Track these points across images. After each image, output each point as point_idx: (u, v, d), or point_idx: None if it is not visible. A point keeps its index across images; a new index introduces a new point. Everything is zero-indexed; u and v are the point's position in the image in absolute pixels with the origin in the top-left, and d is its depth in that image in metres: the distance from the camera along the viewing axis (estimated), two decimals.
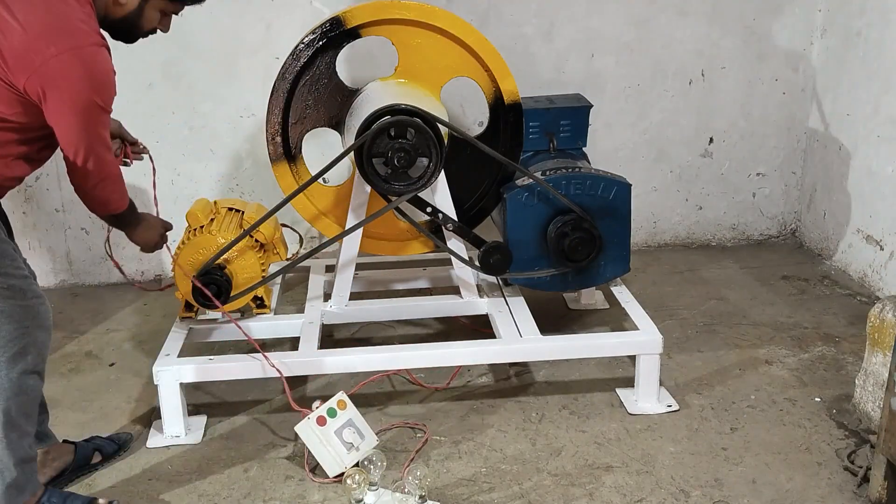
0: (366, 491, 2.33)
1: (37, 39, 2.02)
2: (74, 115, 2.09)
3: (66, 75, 2.04)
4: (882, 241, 3.60)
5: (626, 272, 3.14)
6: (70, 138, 2.12)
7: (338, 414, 2.56)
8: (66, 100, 2.06)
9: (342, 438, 2.53)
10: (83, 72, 2.05)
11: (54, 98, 2.05)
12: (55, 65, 2.02)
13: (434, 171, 2.82)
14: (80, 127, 2.11)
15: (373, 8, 2.87)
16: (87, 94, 2.07)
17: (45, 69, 2.02)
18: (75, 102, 2.07)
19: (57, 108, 2.07)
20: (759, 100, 4.07)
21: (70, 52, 2.03)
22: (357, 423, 2.59)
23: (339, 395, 2.61)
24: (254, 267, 2.91)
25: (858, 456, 2.55)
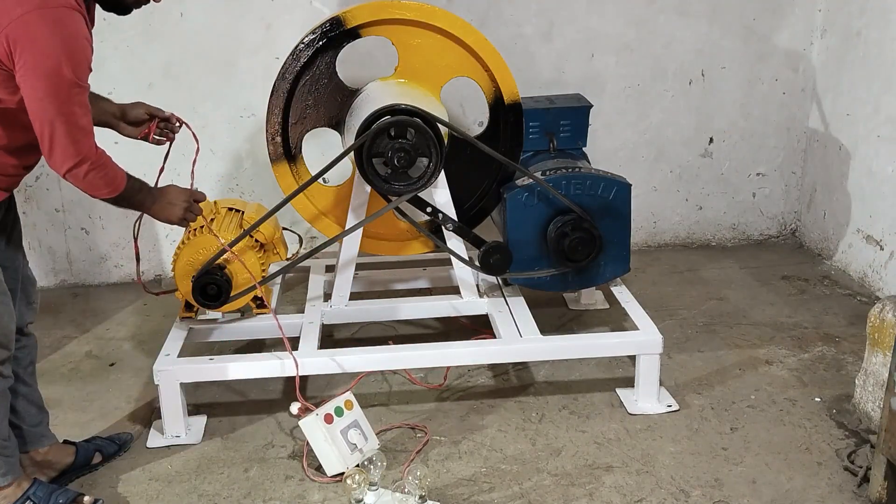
0: (366, 491, 2.33)
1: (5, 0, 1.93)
2: (39, 80, 1.96)
3: (31, 35, 1.93)
4: (882, 241, 3.60)
5: (626, 272, 3.14)
6: (36, 107, 1.99)
7: (344, 413, 2.56)
8: (30, 61, 1.94)
9: (347, 439, 2.54)
10: (49, 33, 1.94)
11: (20, 62, 1.94)
12: (19, 25, 1.92)
13: (434, 171, 2.82)
14: (46, 94, 1.97)
15: (373, 8, 2.87)
16: (54, 59, 1.95)
17: (11, 29, 1.92)
18: (39, 64, 1.94)
19: (22, 73, 1.96)
20: (759, 100, 4.07)
21: (37, 10, 1.93)
22: (362, 424, 2.60)
23: (347, 394, 2.62)
24: (254, 267, 2.90)
25: (858, 456, 2.55)
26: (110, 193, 2.20)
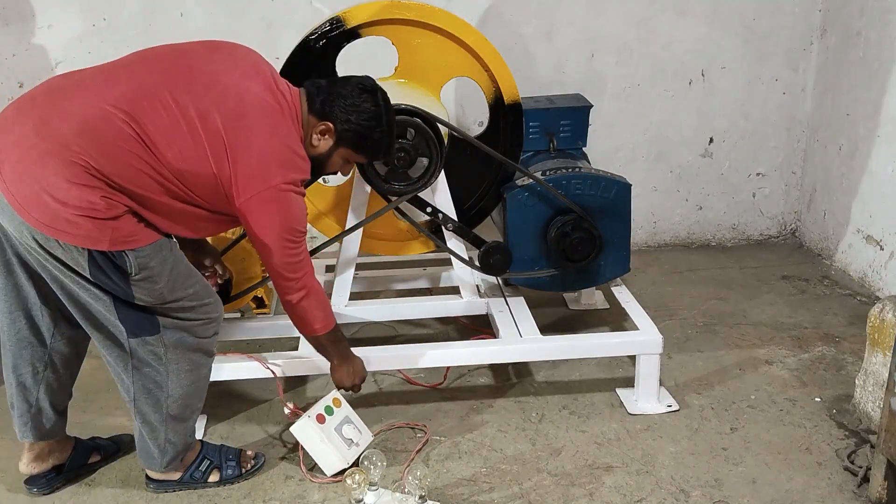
0: (366, 491, 2.33)
1: (268, 166, 2.21)
2: (272, 238, 2.26)
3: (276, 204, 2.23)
4: (882, 241, 3.60)
5: (626, 272, 3.14)
6: (265, 255, 2.30)
7: (335, 412, 2.56)
8: (269, 225, 2.24)
9: (342, 435, 2.53)
10: (289, 205, 2.25)
11: (261, 220, 2.24)
12: (273, 193, 2.21)
13: (434, 171, 2.82)
14: (276, 248, 2.27)
15: (373, 8, 2.87)
16: (285, 227, 2.26)
17: (265, 195, 2.21)
18: (274, 229, 2.25)
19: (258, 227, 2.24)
20: (759, 100, 4.07)
21: (287, 185, 2.23)
22: (353, 419, 2.60)
23: (333, 392, 2.61)
24: (254, 267, 2.91)
25: (858, 456, 2.55)
26: (319, 331, 2.45)
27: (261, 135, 2.22)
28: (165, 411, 2.35)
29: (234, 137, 2.18)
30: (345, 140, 2.37)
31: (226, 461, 2.54)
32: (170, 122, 2.14)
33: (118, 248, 2.11)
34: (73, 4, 3.64)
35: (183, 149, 2.15)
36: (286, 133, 2.27)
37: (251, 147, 2.20)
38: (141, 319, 2.24)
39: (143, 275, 2.16)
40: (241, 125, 2.19)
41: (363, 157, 2.48)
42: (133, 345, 2.26)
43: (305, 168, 2.30)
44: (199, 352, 2.36)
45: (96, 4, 3.65)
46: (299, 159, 2.28)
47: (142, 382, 2.31)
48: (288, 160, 2.25)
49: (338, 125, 2.35)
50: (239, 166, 2.19)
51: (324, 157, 2.39)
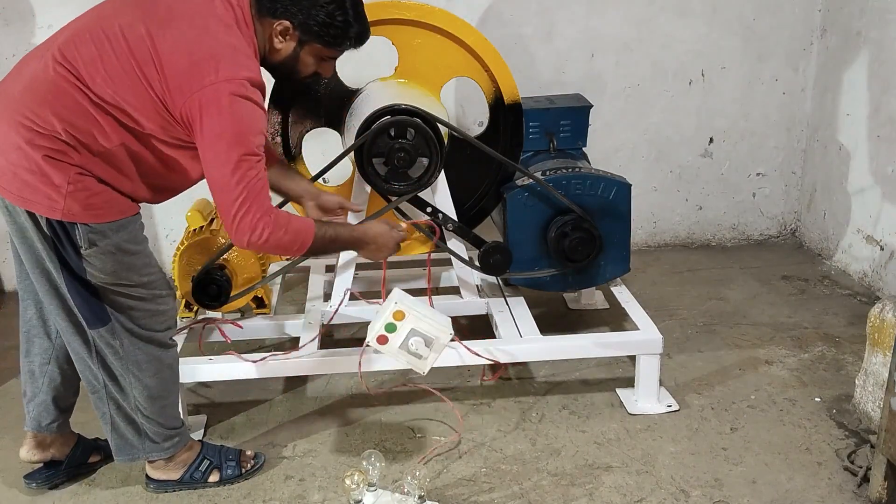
0: (364, 491, 2.33)
1: (198, 64, 2.05)
2: (220, 146, 2.07)
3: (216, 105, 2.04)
4: (882, 241, 3.60)
5: (626, 272, 3.14)
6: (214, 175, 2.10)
7: (397, 327, 2.36)
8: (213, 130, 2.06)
9: (408, 351, 2.37)
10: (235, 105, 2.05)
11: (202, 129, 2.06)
12: (210, 92, 2.03)
13: (434, 171, 2.82)
14: (224, 159, 2.07)
15: (373, 8, 2.87)
16: (233, 130, 2.06)
17: (201, 95, 2.04)
18: (220, 134, 2.06)
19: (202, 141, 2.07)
20: (759, 100, 4.07)
21: (226, 82, 2.04)
22: (421, 327, 2.36)
23: (397, 303, 2.37)
24: (254, 267, 2.91)
25: (858, 456, 2.55)
26: (298, 252, 2.26)
27: (190, 35, 2.08)
28: (134, 398, 2.34)
29: (161, 42, 2.06)
30: (308, 34, 2.21)
31: (226, 461, 2.54)
32: (96, 48, 2.08)
33: (70, 219, 2.10)
34: (72, 4, 3.61)
35: (109, 70, 2.06)
36: (224, 32, 2.11)
37: (179, 49, 2.06)
38: (94, 308, 2.23)
39: (94, 251, 2.14)
40: (169, 29, 2.08)
41: (336, 49, 2.28)
42: (93, 336, 2.26)
43: (251, 67, 2.11)
44: (152, 344, 2.33)
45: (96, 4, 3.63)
46: (242, 56, 2.10)
47: (108, 371, 2.31)
48: (224, 56, 2.07)
49: (295, 21, 2.18)
50: (167, 70, 2.05)
51: (293, 60, 2.24)
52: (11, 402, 3.03)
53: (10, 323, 3.63)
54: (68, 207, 2.09)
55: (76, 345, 2.31)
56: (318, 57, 2.27)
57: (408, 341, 2.36)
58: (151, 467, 2.49)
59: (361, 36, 2.30)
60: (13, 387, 3.13)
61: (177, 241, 2.88)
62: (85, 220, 2.11)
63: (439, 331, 2.38)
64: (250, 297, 2.94)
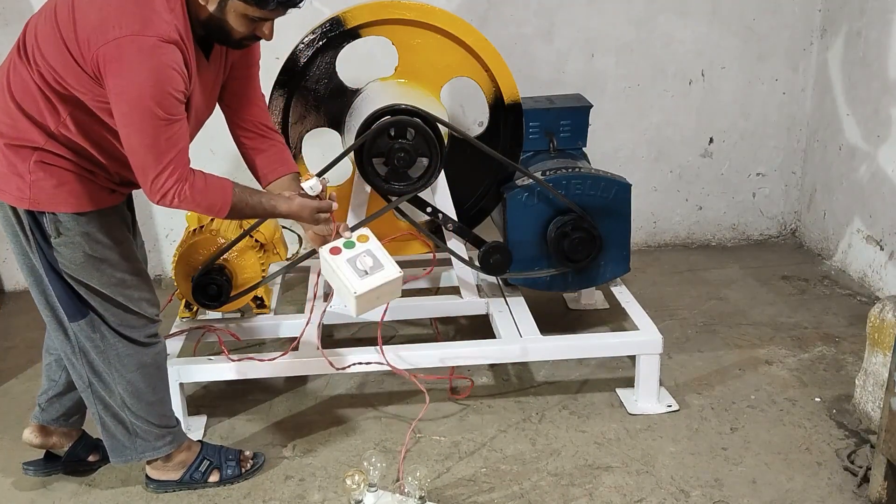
0: (365, 492, 2.33)
1: (107, 19, 1.96)
2: (125, 107, 1.97)
3: (121, 60, 1.94)
4: (882, 241, 3.60)
5: (626, 272, 3.14)
6: (123, 133, 2.01)
7: (356, 245, 2.35)
8: (118, 87, 1.96)
9: (354, 266, 2.31)
10: (138, 60, 1.94)
11: (109, 84, 1.97)
12: (112, 47, 1.94)
13: (434, 172, 2.82)
14: (131, 121, 1.98)
15: (373, 8, 2.87)
16: (139, 87, 1.95)
17: (104, 50, 1.94)
18: (125, 91, 1.96)
19: (111, 97, 1.98)
20: (759, 100, 4.07)
21: (130, 37, 1.93)
22: (378, 253, 2.34)
23: (364, 230, 2.40)
24: (254, 267, 2.91)
25: (858, 456, 2.55)
26: (218, 215, 2.18)
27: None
28: (119, 395, 2.34)
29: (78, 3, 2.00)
30: None
31: (225, 461, 2.54)
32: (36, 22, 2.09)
33: (37, 208, 2.11)
34: None
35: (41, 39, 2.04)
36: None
37: (93, 5, 1.99)
38: (73, 301, 2.23)
39: (61, 241, 2.15)
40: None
41: (258, 7, 2.06)
42: (74, 329, 2.26)
43: (164, 22, 1.98)
44: (130, 341, 2.32)
45: None
46: (151, 12, 1.97)
47: (91, 367, 2.32)
48: (133, 11, 1.96)
49: None
50: (78, 26, 1.98)
51: (219, 19, 2.07)
52: (11, 402, 3.03)
53: (10, 323, 3.64)
54: (34, 196, 2.10)
55: (59, 341, 2.31)
56: (246, 17, 2.08)
57: (357, 258, 2.31)
58: (151, 468, 2.49)
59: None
60: (13, 387, 3.14)
61: (177, 241, 2.88)
62: (51, 208, 2.12)
63: (392, 265, 2.33)
64: (250, 297, 2.94)
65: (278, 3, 2.09)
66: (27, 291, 2.50)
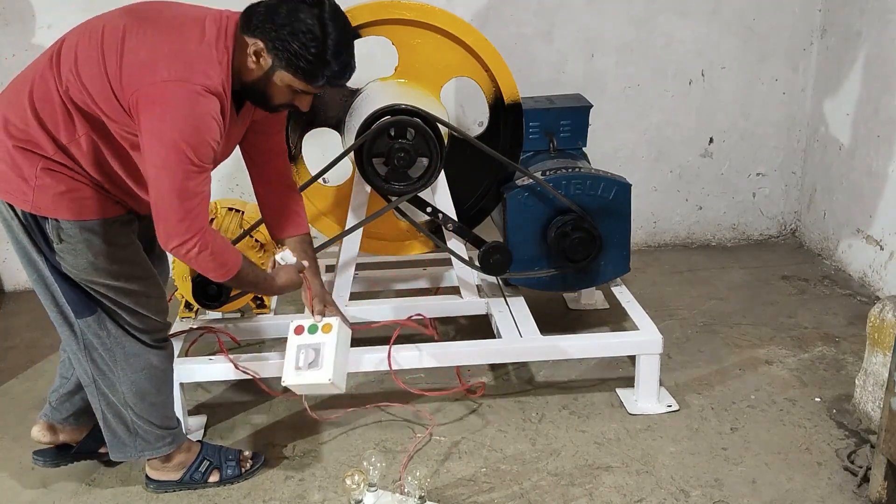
0: (364, 491, 2.33)
1: (158, 60, 2.00)
2: (159, 148, 2.00)
3: (163, 102, 1.98)
4: (882, 241, 3.60)
5: (626, 272, 3.14)
6: (151, 174, 2.04)
7: (317, 332, 2.39)
8: (154, 127, 1.99)
9: (298, 355, 2.37)
10: (180, 106, 1.99)
11: (145, 124, 2.00)
12: (156, 89, 1.98)
13: (434, 171, 2.82)
14: (164, 164, 2.00)
15: (373, 8, 2.87)
16: (177, 132, 1.98)
17: (147, 90, 1.99)
18: (162, 133, 1.99)
19: (145, 137, 2.01)
20: (759, 100, 4.07)
21: (176, 82, 1.98)
22: (325, 351, 2.36)
23: (335, 319, 2.42)
24: None
25: (858, 456, 2.55)
26: (218, 278, 2.19)
27: (161, 33, 2.04)
28: (122, 394, 2.34)
29: (131, 36, 2.03)
30: (280, 60, 2.06)
31: (225, 461, 2.55)
32: (76, 41, 2.09)
33: (40, 213, 2.11)
34: (72, 4, 3.63)
35: (80, 59, 2.05)
36: (195, 40, 2.04)
37: (145, 43, 2.02)
38: (80, 297, 2.23)
39: (64, 247, 2.15)
40: (144, 26, 2.05)
41: (306, 83, 2.10)
42: (81, 326, 2.26)
43: (211, 76, 2.02)
44: (140, 342, 2.32)
45: (96, 4, 3.60)
46: (203, 63, 2.02)
47: (96, 364, 2.31)
48: (185, 58, 2.00)
49: (269, 43, 2.05)
50: (125, 59, 2.00)
51: (264, 84, 2.11)
52: (11, 402, 3.03)
53: (10, 323, 3.64)
54: (37, 201, 2.10)
55: (66, 336, 2.31)
56: (291, 87, 2.12)
57: (306, 348, 2.37)
58: (150, 468, 2.50)
59: (339, 75, 2.14)
60: (13, 387, 3.14)
61: None
62: (53, 214, 2.12)
63: (330, 372, 2.34)
64: (250, 297, 2.94)
65: (325, 81, 2.12)
66: (27, 291, 2.51)
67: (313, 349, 2.37)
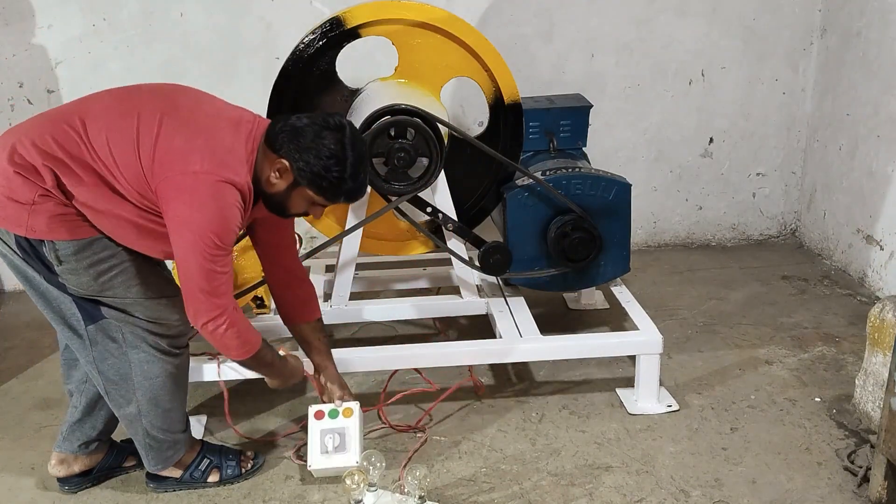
0: (364, 491, 2.33)
1: (192, 151, 2.11)
2: (187, 234, 2.10)
3: (192, 191, 2.08)
4: (882, 241, 3.60)
5: (626, 272, 3.14)
6: (179, 256, 2.12)
7: (338, 417, 2.52)
8: (183, 214, 2.09)
9: (323, 439, 2.49)
10: (209, 196, 2.09)
11: (172, 210, 2.10)
12: (188, 178, 2.08)
13: (434, 171, 2.82)
14: (192, 248, 2.10)
15: (373, 8, 2.87)
16: (205, 219, 2.08)
17: (179, 180, 2.08)
18: (190, 220, 2.09)
19: (173, 223, 2.10)
20: (759, 100, 4.07)
21: (208, 174, 2.09)
22: (349, 435, 2.49)
23: (354, 403, 2.54)
24: (254, 267, 2.90)
25: (858, 456, 2.55)
26: (240, 356, 2.29)
27: (198, 125, 2.15)
28: (136, 403, 2.34)
29: (168, 123, 2.13)
30: (303, 179, 2.18)
31: (226, 461, 2.55)
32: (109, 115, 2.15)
33: (35, 235, 2.12)
34: (72, 4, 3.64)
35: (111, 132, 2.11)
36: (230, 137, 2.17)
37: (181, 132, 2.13)
38: (87, 307, 2.24)
39: (64, 268, 2.16)
40: (181, 116, 2.16)
41: (326, 200, 2.25)
42: (91, 332, 2.26)
43: (239, 172, 2.14)
44: (154, 348, 2.32)
45: (96, 4, 3.65)
46: (234, 160, 2.14)
47: (108, 374, 2.31)
48: (218, 153, 2.13)
49: (293, 164, 2.17)
50: (160, 144, 2.10)
51: (284, 197, 2.24)
52: (11, 402, 3.03)
53: (10, 323, 3.64)
54: (32, 223, 2.11)
55: (75, 346, 2.31)
56: (309, 201, 2.25)
57: (331, 432, 2.48)
58: None
59: (354, 193, 2.27)
60: (13, 387, 3.14)
61: None
62: (49, 236, 2.13)
63: (357, 455, 2.46)
64: (250, 297, 2.94)
65: (343, 197, 2.27)
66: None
67: (338, 433, 2.49)
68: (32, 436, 2.81)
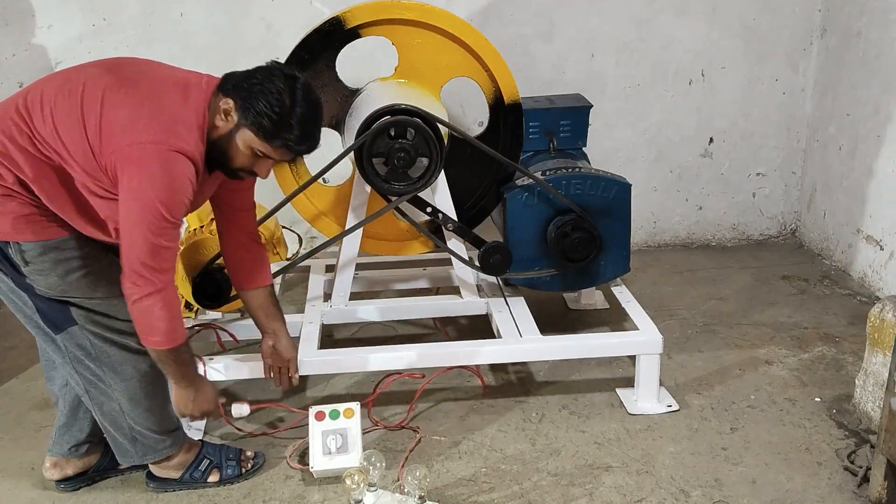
0: (364, 491, 2.33)
1: (137, 121, 2.06)
2: (135, 204, 2.05)
3: (142, 163, 2.04)
4: (882, 241, 3.60)
5: (626, 272, 3.14)
6: (125, 228, 2.07)
7: (339, 418, 2.53)
8: (133, 185, 2.04)
9: (325, 440, 2.50)
10: (159, 166, 2.04)
11: (123, 182, 2.05)
12: (136, 149, 2.04)
13: (434, 171, 2.82)
14: (139, 219, 2.05)
15: (373, 8, 2.87)
16: (155, 190, 2.04)
17: (129, 151, 2.04)
18: (140, 190, 2.04)
19: (123, 194, 2.06)
20: (759, 100, 4.07)
21: (155, 144, 2.04)
22: (350, 435, 2.52)
23: (354, 404, 2.56)
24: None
25: (858, 456, 2.55)
26: (161, 344, 2.17)
27: (142, 95, 2.10)
28: (118, 402, 2.34)
29: (112, 96, 2.09)
30: (245, 119, 2.11)
31: (226, 461, 2.55)
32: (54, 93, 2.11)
33: (1, 238, 2.12)
34: (72, 4, 3.64)
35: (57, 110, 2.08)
36: (177, 105, 2.11)
37: (126, 103, 2.09)
38: (55, 313, 2.23)
39: (31, 269, 2.16)
40: (126, 87, 2.11)
41: (265, 142, 2.12)
42: (62, 341, 2.26)
43: (188, 140, 2.08)
44: (124, 348, 2.30)
45: (96, 4, 3.65)
46: (182, 128, 2.09)
47: (86, 375, 2.31)
48: (164, 122, 2.07)
49: (238, 102, 2.11)
50: (105, 119, 2.06)
51: (226, 141, 2.14)
52: (11, 402, 3.03)
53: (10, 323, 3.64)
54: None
55: (51, 351, 2.32)
56: (251, 149, 2.15)
57: (333, 434, 2.49)
58: (152, 464, 2.49)
59: (299, 141, 2.15)
60: (13, 387, 3.14)
61: None
62: (14, 237, 2.13)
63: (360, 456, 2.45)
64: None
65: (284, 143, 2.15)
66: None
67: (340, 434, 2.50)
68: (32, 436, 2.80)
